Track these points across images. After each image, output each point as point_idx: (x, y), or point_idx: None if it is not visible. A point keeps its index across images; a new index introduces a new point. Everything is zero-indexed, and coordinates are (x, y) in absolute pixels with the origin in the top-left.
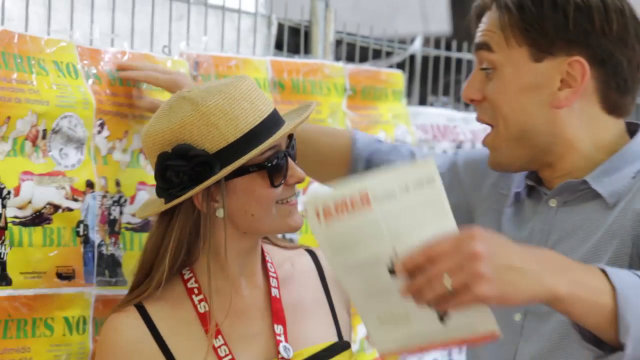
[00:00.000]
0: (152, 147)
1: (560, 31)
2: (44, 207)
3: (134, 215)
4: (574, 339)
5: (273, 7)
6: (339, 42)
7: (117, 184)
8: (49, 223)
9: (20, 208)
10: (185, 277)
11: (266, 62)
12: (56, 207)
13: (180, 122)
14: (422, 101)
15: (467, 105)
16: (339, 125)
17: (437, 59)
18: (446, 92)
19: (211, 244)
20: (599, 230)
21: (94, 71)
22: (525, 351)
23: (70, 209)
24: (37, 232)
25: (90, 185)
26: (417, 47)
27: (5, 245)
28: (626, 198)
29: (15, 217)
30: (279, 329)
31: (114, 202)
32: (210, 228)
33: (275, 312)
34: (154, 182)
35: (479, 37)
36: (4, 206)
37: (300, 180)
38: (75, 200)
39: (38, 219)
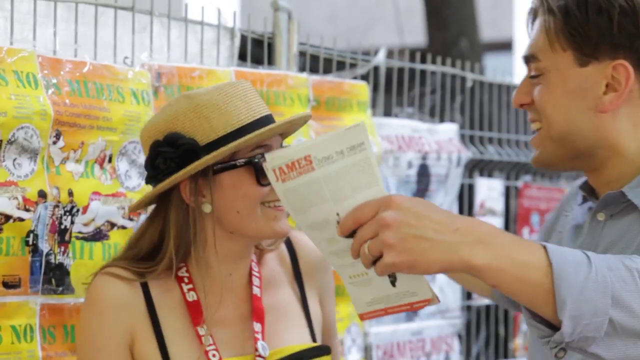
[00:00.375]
0: (147, 138)
1: (604, 35)
2: None
3: (85, 224)
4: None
5: (236, 18)
6: (302, 54)
7: (70, 194)
8: None
9: None
10: (178, 267)
11: (230, 73)
12: (7, 217)
13: (175, 114)
14: (387, 112)
15: (432, 116)
16: (302, 136)
17: (401, 70)
18: (411, 103)
19: (201, 240)
20: (633, 244)
21: (55, 81)
22: None
23: (21, 219)
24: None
25: (42, 195)
26: (381, 58)
27: None
28: None
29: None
30: (257, 327)
31: (66, 212)
32: (199, 224)
33: (256, 310)
34: (108, 192)
35: (525, 49)
36: None
37: None
38: (27, 210)
39: None
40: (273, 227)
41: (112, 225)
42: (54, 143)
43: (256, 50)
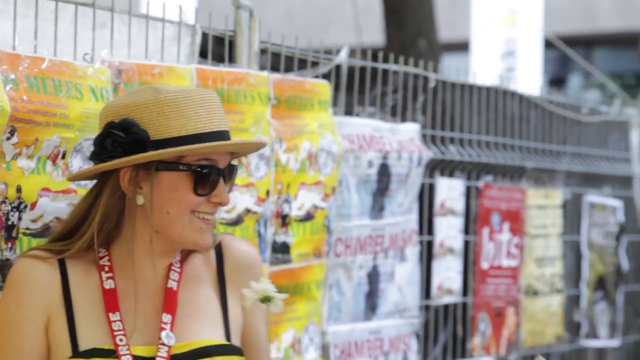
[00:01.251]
0: (105, 116)
1: None
2: None
3: (33, 220)
4: None
5: (197, 16)
6: (263, 52)
7: (18, 190)
8: None
9: None
10: (100, 254)
11: (191, 70)
12: None
13: (138, 102)
14: (349, 111)
15: (393, 116)
16: (262, 134)
17: (363, 69)
18: (373, 103)
19: (127, 229)
20: None
21: (13, 77)
22: None
23: None
24: None
25: None
26: (343, 57)
27: None
28: None
29: None
30: (167, 318)
31: (13, 207)
32: (129, 213)
33: (167, 302)
34: (58, 188)
35: None
36: None
37: (223, 204)
38: None
39: None
40: (196, 237)
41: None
42: (8, 139)
43: (217, 48)
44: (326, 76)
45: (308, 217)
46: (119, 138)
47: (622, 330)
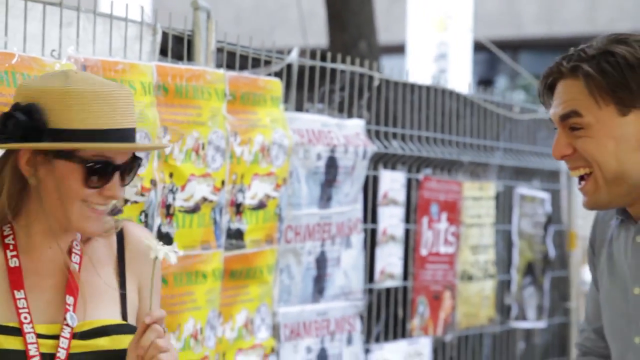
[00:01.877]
0: (17, 96)
1: None
2: None
3: None
4: None
5: (158, 16)
6: (220, 51)
7: None
8: None
9: None
10: (5, 232)
11: (152, 67)
12: None
13: (45, 88)
14: (299, 107)
15: (340, 112)
16: (218, 128)
17: (312, 68)
18: (321, 100)
19: (25, 208)
20: None
21: None
22: None
23: None
24: None
25: None
26: (294, 57)
27: None
28: None
29: None
30: (70, 299)
31: None
32: (25, 193)
33: (70, 285)
34: None
35: (562, 108)
36: None
37: (114, 198)
38: None
39: None
40: (83, 224)
41: None
42: None
43: (176, 46)
44: (278, 74)
45: (261, 205)
46: (20, 122)
47: (548, 313)
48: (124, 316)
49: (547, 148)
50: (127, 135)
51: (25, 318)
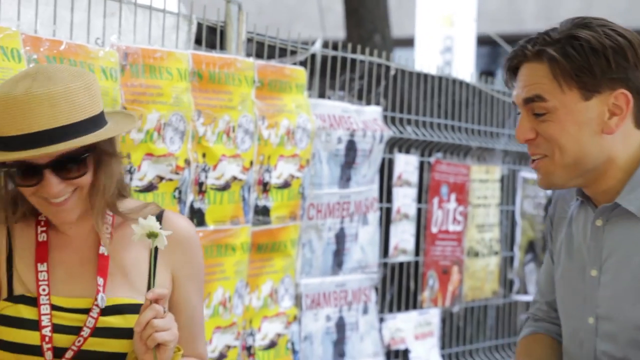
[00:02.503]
0: None
1: (604, 72)
2: None
3: None
4: None
5: (193, 8)
6: (249, 41)
7: None
8: None
9: None
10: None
11: (188, 55)
12: None
13: None
14: (322, 94)
15: (359, 99)
16: (248, 112)
17: (334, 58)
18: (342, 88)
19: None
20: (637, 248)
21: (35, 57)
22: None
23: None
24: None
25: None
26: (317, 47)
27: None
28: None
29: None
30: (100, 280)
31: None
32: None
33: (101, 266)
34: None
35: (526, 91)
36: None
37: (51, 197)
38: None
39: None
40: (50, 217)
41: None
42: None
43: (210, 36)
44: (303, 63)
45: (285, 185)
46: None
47: None
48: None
49: None
50: (38, 137)
51: (44, 290)
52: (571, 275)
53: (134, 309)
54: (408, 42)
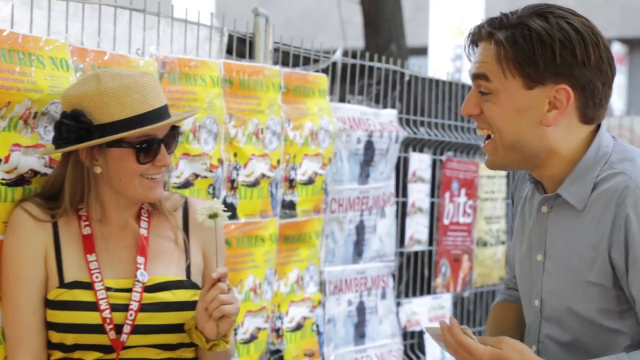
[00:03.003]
0: (62, 104)
1: (549, 65)
2: None
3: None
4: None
5: (225, 21)
6: (276, 50)
7: None
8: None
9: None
10: (79, 207)
11: (219, 64)
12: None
13: (83, 94)
14: (342, 99)
15: (377, 103)
16: (275, 115)
17: (353, 66)
18: (361, 92)
19: (93, 192)
20: (577, 238)
21: (81, 66)
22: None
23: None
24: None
25: None
26: (338, 56)
27: None
28: (594, 206)
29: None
30: (141, 259)
31: None
32: (92, 180)
33: (141, 246)
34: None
35: (476, 68)
36: None
37: (165, 165)
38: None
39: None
40: (147, 194)
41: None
42: None
43: (240, 46)
44: (324, 71)
45: (310, 181)
46: (71, 127)
47: None
48: (188, 274)
49: None
50: (160, 113)
51: (97, 277)
52: (523, 256)
53: (180, 285)
54: (422, 51)
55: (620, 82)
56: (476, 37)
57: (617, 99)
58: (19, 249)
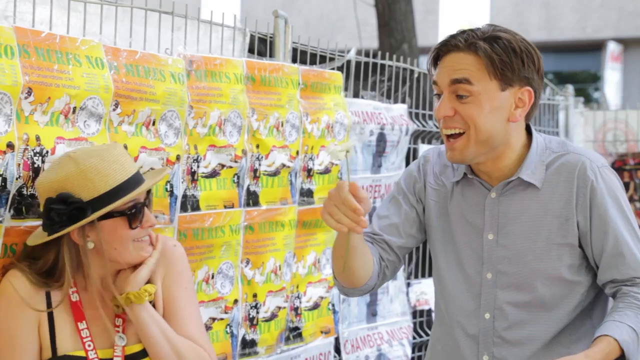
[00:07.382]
0: (42, 194)
1: (520, 70)
2: None
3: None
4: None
5: (247, 22)
6: (294, 50)
7: (125, 147)
8: None
9: None
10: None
11: (242, 62)
12: None
13: (64, 176)
14: (356, 94)
15: (388, 98)
16: (294, 110)
17: (366, 64)
18: (373, 88)
19: (84, 266)
20: (539, 209)
21: (115, 64)
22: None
23: None
24: None
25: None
26: (352, 55)
27: None
28: (552, 182)
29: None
30: (118, 321)
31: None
32: (84, 256)
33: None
34: (152, 147)
35: (458, 73)
36: (43, 162)
37: (152, 225)
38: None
39: None
40: (141, 254)
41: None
42: (114, 110)
43: (261, 46)
44: (340, 68)
45: (326, 171)
46: (61, 210)
47: None
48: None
49: (549, 128)
50: (137, 178)
51: (89, 346)
52: (470, 239)
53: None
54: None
55: (616, 78)
56: (449, 49)
57: (613, 94)
58: (14, 316)
